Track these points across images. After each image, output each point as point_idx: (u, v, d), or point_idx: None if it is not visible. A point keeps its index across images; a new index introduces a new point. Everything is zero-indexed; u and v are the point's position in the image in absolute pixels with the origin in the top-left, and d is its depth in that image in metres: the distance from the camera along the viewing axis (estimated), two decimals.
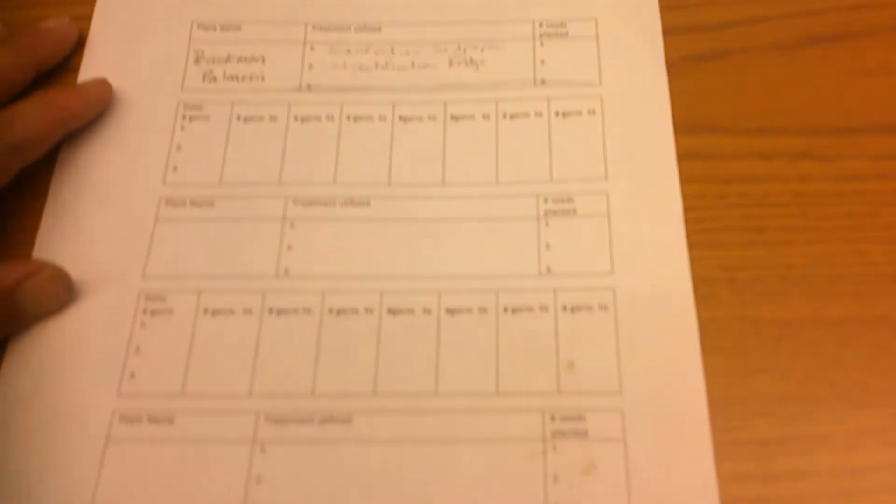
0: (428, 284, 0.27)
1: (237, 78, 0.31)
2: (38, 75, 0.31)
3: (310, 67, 0.32)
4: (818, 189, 0.29)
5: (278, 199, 0.29)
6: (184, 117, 0.30)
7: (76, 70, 0.32)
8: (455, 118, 0.30)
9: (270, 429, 0.25)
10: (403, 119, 0.30)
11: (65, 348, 0.26)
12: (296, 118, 0.30)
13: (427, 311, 0.27)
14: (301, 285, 0.27)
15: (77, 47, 0.32)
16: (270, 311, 0.27)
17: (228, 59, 0.32)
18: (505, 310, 0.27)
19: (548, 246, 0.28)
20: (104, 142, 0.30)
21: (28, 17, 0.33)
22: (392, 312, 0.27)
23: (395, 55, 0.32)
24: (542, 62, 0.31)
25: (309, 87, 0.31)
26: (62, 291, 0.27)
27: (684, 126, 0.30)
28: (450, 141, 0.30)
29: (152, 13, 0.33)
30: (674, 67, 0.31)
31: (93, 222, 0.29)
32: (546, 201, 0.28)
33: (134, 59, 0.32)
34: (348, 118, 0.30)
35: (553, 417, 0.25)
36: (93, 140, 0.30)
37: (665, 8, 0.32)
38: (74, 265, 0.27)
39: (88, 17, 0.33)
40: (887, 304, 0.27)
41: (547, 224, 0.28)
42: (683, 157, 0.29)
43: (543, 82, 0.31)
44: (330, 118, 0.30)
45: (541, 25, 0.32)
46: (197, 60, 0.32)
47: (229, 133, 0.30)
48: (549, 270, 0.27)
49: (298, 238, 0.28)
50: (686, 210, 0.28)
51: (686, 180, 0.29)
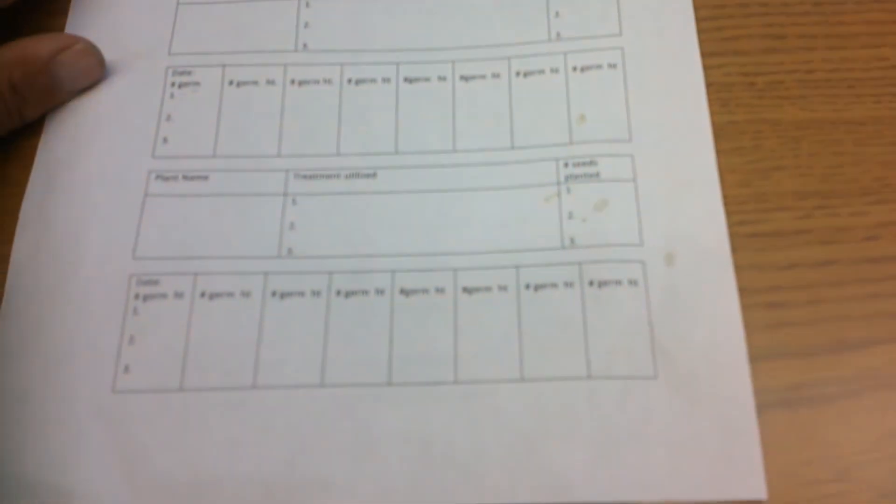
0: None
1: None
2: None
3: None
4: None
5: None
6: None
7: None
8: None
9: (300, 184, 0.27)
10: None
11: (100, 117, 0.28)
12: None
13: (442, 78, 0.28)
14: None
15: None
16: (292, 83, 0.28)
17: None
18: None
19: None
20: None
21: None
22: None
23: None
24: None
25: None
26: (95, 66, 0.28)
27: None
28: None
29: None
30: None
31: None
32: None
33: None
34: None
35: (566, 164, 0.26)
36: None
37: None
38: None
39: None
40: None
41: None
42: None
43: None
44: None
45: None
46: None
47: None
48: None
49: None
50: (707, 20, 0.28)
51: None
